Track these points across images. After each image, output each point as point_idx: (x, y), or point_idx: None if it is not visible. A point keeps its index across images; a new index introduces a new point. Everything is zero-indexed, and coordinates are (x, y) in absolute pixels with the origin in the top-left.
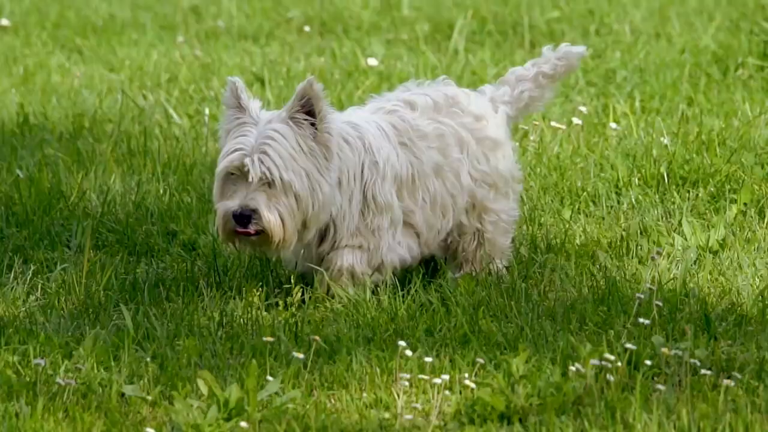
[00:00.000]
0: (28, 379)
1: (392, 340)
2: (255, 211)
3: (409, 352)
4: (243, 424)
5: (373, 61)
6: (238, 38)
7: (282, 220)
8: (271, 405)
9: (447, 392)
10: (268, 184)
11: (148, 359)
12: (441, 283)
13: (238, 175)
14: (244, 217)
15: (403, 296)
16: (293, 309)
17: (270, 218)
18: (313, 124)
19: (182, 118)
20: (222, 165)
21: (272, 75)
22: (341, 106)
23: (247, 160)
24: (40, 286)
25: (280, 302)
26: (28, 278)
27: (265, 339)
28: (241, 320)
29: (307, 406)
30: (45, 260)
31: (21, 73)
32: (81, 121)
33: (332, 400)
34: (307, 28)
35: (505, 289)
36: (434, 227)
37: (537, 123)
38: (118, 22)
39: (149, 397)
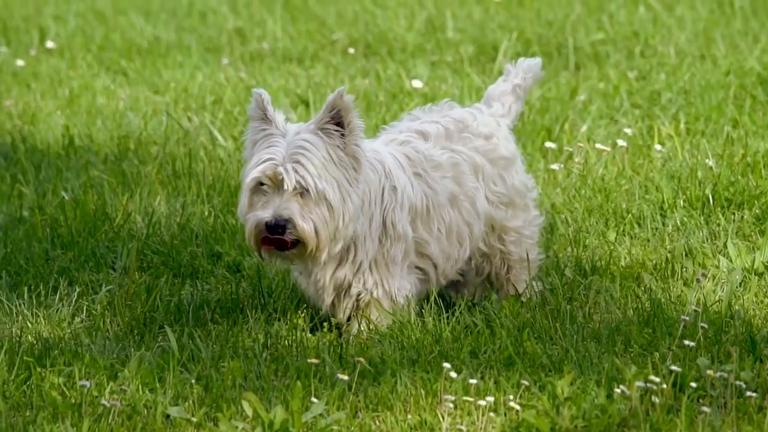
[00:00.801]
0: (73, 400)
1: (437, 362)
2: (289, 220)
3: (453, 374)
4: None
5: (417, 83)
6: (283, 60)
7: (316, 229)
8: (315, 427)
9: (492, 414)
10: (300, 194)
11: (193, 381)
12: (485, 304)
13: (268, 185)
14: (278, 226)
15: (447, 318)
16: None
17: (305, 227)
18: (342, 135)
19: (227, 140)
20: (253, 175)
21: (317, 97)
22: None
23: (281, 169)
24: (85, 308)
25: (325, 324)
26: (74, 300)
27: (309, 361)
28: (286, 342)
29: (352, 428)
30: (90, 282)
31: (66, 95)
32: (126, 143)
33: (377, 422)
34: (351, 50)
35: (549, 311)
36: (451, 257)
37: (582, 145)
38: (163, 44)
39: (194, 419)
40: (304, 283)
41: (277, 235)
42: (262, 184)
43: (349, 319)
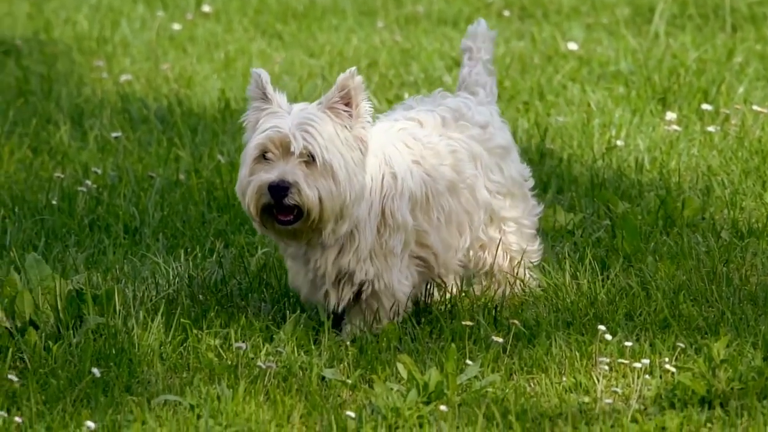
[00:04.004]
0: (229, 362)
1: (592, 324)
2: (294, 183)
3: (608, 336)
4: (442, 407)
5: (572, 46)
6: (438, 23)
7: (320, 198)
8: (470, 389)
9: (647, 376)
10: (306, 162)
11: (348, 343)
12: (641, 267)
13: (273, 154)
14: (282, 188)
15: (602, 281)
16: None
17: (309, 193)
18: (350, 116)
19: (381, 103)
20: (257, 140)
21: None
22: (540, 91)
23: (289, 133)
24: (241, 270)
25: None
26: (230, 262)
27: (464, 323)
28: (440, 304)
29: (507, 390)
30: (246, 244)
31: (222, 58)
32: None
33: (531, 384)
34: (506, 13)
35: (705, 273)
36: (451, 246)
37: (738, 107)
38: (319, 7)
39: (349, 381)
40: (297, 272)
41: (279, 198)
42: (264, 154)
43: (343, 312)
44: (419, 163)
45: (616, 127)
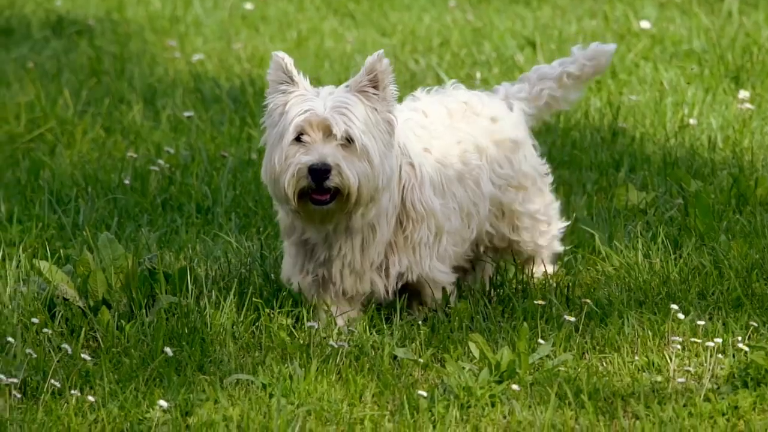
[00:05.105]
0: (301, 341)
1: (664, 303)
2: (335, 166)
3: (681, 315)
4: (514, 386)
5: (645, 24)
6: (510, 2)
7: (359, 181)
8: (542, 368)
9: (720, 355)
10: (342, 146)
11: (420, 322)
12: (714, 245)
13: (309, 136)
14: (324, 171)
15: (675, 259)
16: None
17: (350, 175)
18: (379, 99)
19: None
20: (296, 122)
21: (544, 39)
22: (613, 70)
23: (328, 116)
24: None
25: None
26: None
27: (536, 302)
28: (513, 283)
29: (579, 369)
30: None
31: (294, 38)
32: None
33: (604, 364)
34: None
35: None
36: (463, 236)
37: None
38: None
39: (421, 360)
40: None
41: (320, 180)
42: (299, 137)
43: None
44: (429, 151)
45: (688, 105)
